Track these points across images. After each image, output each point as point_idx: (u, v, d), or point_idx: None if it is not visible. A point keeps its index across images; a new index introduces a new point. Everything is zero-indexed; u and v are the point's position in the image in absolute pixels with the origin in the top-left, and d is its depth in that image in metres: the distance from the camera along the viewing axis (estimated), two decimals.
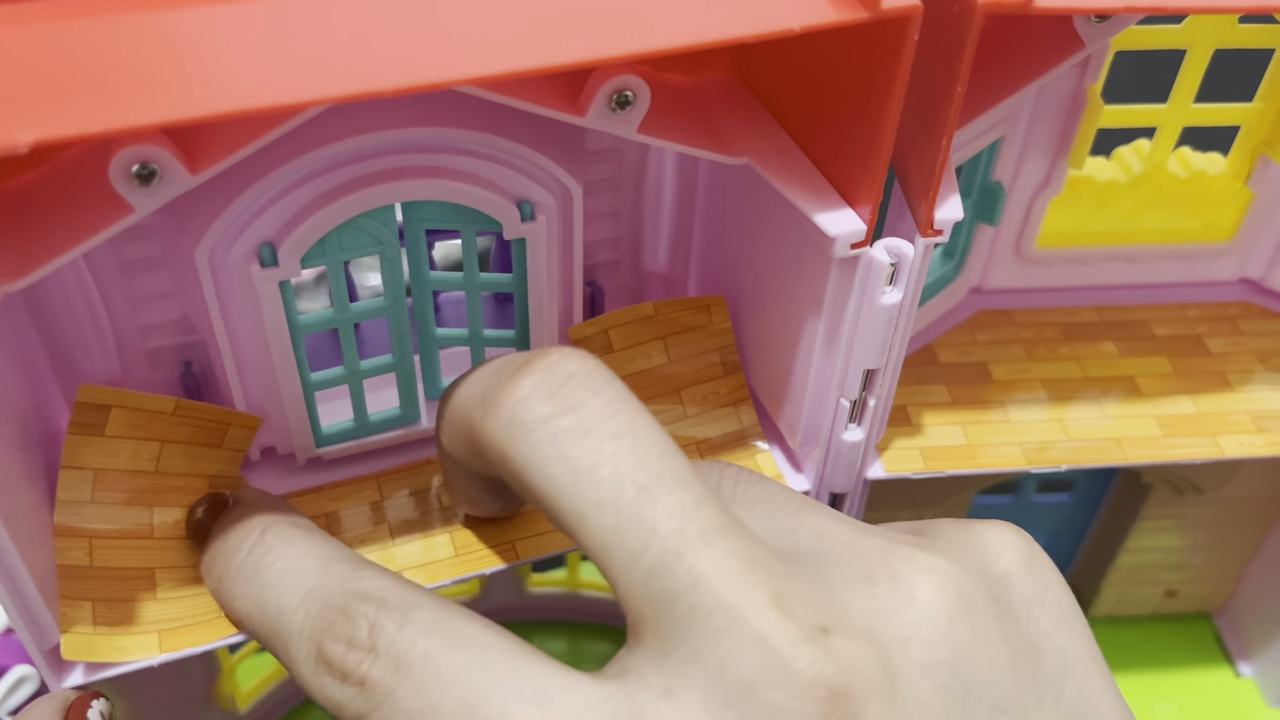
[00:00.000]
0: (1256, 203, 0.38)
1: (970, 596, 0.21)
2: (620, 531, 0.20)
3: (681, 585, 0.19)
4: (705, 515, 0.20)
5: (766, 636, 0.19)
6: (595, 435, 0.20)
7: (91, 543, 0.27)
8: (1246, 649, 0.47)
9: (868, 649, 0.19)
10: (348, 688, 0.21)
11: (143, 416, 0.28)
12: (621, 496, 0.20)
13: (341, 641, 0.21)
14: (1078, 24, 0.27)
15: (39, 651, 0.25)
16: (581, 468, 0.20)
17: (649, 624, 0.20)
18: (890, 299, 0.26)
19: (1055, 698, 0.21)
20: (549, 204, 0.28)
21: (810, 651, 0.19)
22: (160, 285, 0.28)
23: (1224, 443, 0.34)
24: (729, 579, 0.19)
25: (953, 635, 0.20)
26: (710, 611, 0.19)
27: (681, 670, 0.19)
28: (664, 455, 0.20)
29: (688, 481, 0.20)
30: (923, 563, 0.21)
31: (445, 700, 0.20)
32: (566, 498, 0.20)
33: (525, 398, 0.21)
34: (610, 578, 0.20)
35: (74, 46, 0.20)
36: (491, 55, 0.20)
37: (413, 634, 0.21)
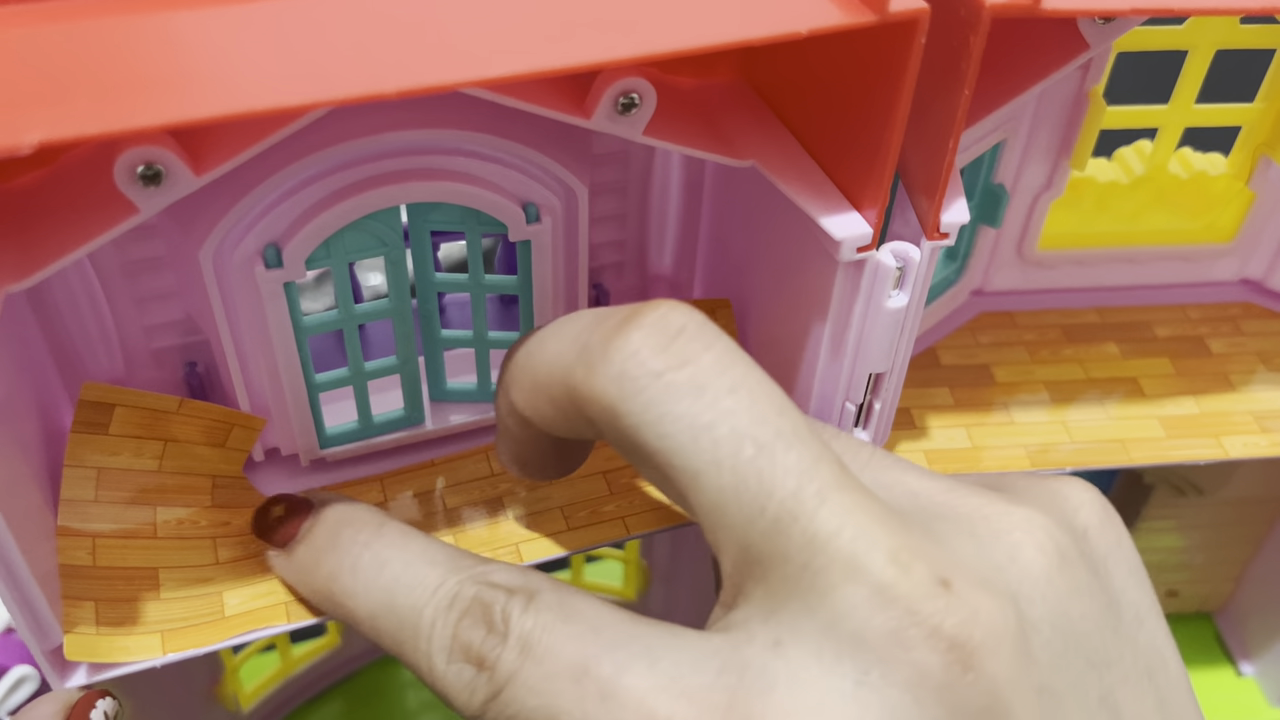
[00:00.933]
0: (1258, 203, 0.38)
1: (1064, 551, 0.21)
2: (738, 491, 0.20)
3: (795, 545, 0.19)
4: (822, 472, 0.20)
5: (885, 589, 0.19)
6: (710, 391, 0.20)
7: (95, 542, 0.27)
8: (1248, 648, 0.48)
9: (989, 601, 0.19)
10: (480, 673, 0.21)
11: (146, 415, 0.28)
12: (740, 455, 0.19)
13: (479, 629, 0.21)
14: (1082, 26, 0.27)
15: (41, 652, 0.25)
16: (698, 425, 0.20)
17: (758, 581, 0.20)
18: (896, 303, 0.26)
19: (1134, 650, 0.22)
20: (554, 206, 0.28)
21: (931, 603, 0.19)
22: (164, 286, 0.28)
23: (1227, 443, 0.34)
24: (846, 536, 0.19)
25: (1050, 591, 0.20)
26: (824, 568, 0.19)
27: (791, 623, 0.19)
28: (781, 410, 0.20)
29: (805, 437, 0.20)
30: (1020, 518, 0.21)
31: (560, 667, 0.20)
32: (682, 456, 0.20)
33: (636, 352, 0.20)
34: (720, 537, 0.20)
35: (79, 47, 0.20)
36: (497, 57, 0.20)
37: (534, 615, 0.21)
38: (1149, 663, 0.22)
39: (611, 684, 0.20)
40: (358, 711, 0.48)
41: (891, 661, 0.19)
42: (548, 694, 0.20)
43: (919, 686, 0.19)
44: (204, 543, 0.28)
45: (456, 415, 0.31)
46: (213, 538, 0.28)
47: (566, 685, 0.20)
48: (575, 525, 0.29)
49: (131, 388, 0.29)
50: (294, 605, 0.27)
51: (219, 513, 0.28)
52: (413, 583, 0.23)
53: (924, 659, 0.19)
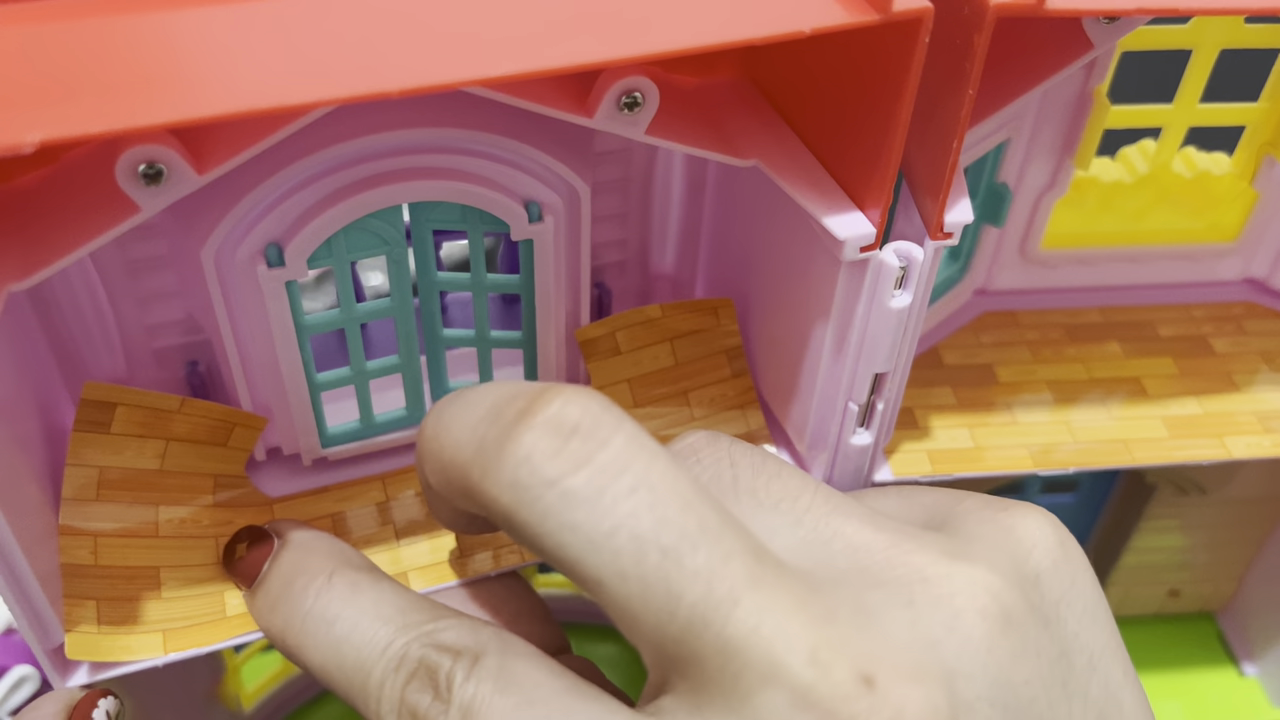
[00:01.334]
0: (1261, 203, 0.38)
1: (1009, 612, 0.21)
2: (645, 599, 0.19)
3: (710, 649, 0.19)
4: (733, 570, 0.19)
5: (806, 695, 0.18)
6: (609, 494, 0.19)
7: (96, 541, 0.27)
8: (1250, 649, 0.48)
9: (916, 694, 0.19)
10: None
11: (148, 414, 0.28)
12: (645, 563, 0.19)
13: (426, 693, 0.21)
14: (1087, 25, 0.27)
15: (43, 651, 0.25)
16: (597, 535, 0.19)
17: (681, 679, 0.19)
18: (899, 302, 0.26)
19: (1084, 700, 0.21)
20: (556, 205, 0.28)
21: (855, 706, 0.18)
22: (166, 285, 0.28)
23: (1231, 443, 0.34)
24: (762, 635, 0.19)
25: (991, 661, 0.20)
26: (741, 671, 0.19)
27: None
28: (685, 506, 0.19)
29: (714, 533, 0.19)
30: (963, 580, 0.21)
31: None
32: (583, 566, 0.19)
33: (527, 457, 0.19)
34: (633, 638, 0.20)
35: (81, 46, 0.20)
36: (499, 56, 0.20)
37: (475, 682, 0.21)
38: (1101, 709, 0.21)
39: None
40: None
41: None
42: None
43: None
44: (206, 542, 0.28)
45: None
46: (214, 537, 0.28)
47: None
48: None
49: (133, 387, 0.29)
50: None
51: (221, 512, 0.28)
52: (360, 642, 0.23)
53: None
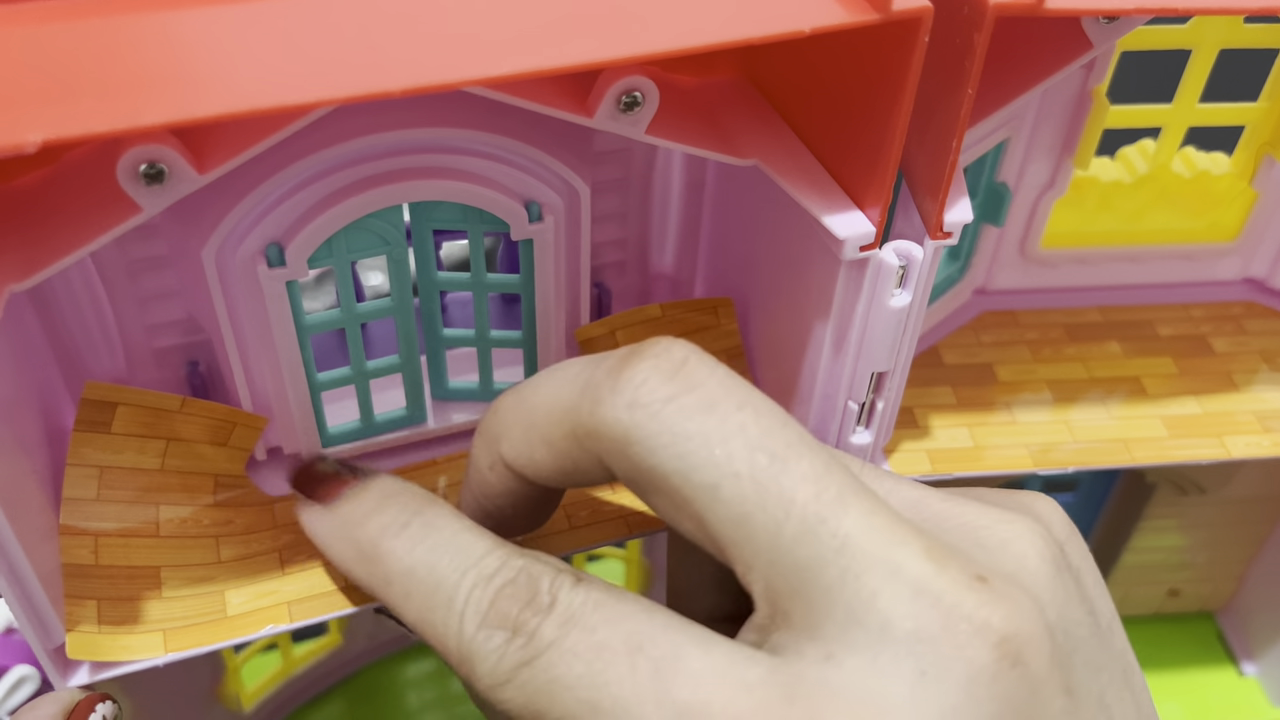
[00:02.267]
0: (1261, 202, 0.38)
1: (1060, 561, 0.21)
2: (760, 498, 0.20)
3: (829, 550, 0.19)
4: (837, 478, 0.20)
5: (927, 586, 0.19)
6: (721, 408, 0.20)
7: (97, 541, 0.27)
8: (1250, 648, 0.48)
9: (1025, 598, 0.20)
10: (515, 639, 0.21)
11: (149, 414, 0.28)
12: (756, 465, 0.20)
13: (521, 598, 0.21)
14: (1086, 25, 0.27)
15: (44, 650, 0.25)
16: (713, 440, 0.20)
17: (798, 598, 0.20)
18: (899, 302, 0.26)
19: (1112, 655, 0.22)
20: (556, 205, 0.28)
21: (974, 597, 0.19)
22: (167, 284, 0.28)
23: (1230, 443, 0.34)
24: (877, 537, 0.19)
25: (1055, 598, 0.21)
26: (863, 571, 0.19)
27: (839, 635, 0.19)
28: (786, 423, 0.20)
29: (814, 447, 0.20)
30: (1021, 527, 0.22)
31: (613, 637, 0.20)
32: (701, 471, 0.20)
33: (645, 380, 0.21)
34: (745, 554, 0.20)
35: (82, 46, 0.20)
36: (499, 56, 0.20)
37: (585, 591, 0.21)
38: (1124, 668, 0.22)
39: (667, 661, 0.20)
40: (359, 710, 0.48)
41: (945, 659, 0.19)
42: (596, 662, 0.20)
43: (973, 682, 0.19)
44: (206, 541, 0.28)
45: (459, 414, 0.31)
46: (215, 536, 0.28)
47: (618, 657, 0.20)
48: (577, 524, 0.29)
49: (134, 387, 0.29)
50: (296, 605, 0.27)
51: (221, 511, 0.28)
52: (459, 549, 0.23)
53: (977, 655, 0.19)
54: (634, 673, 0.20)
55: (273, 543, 0.28)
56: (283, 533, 0.29)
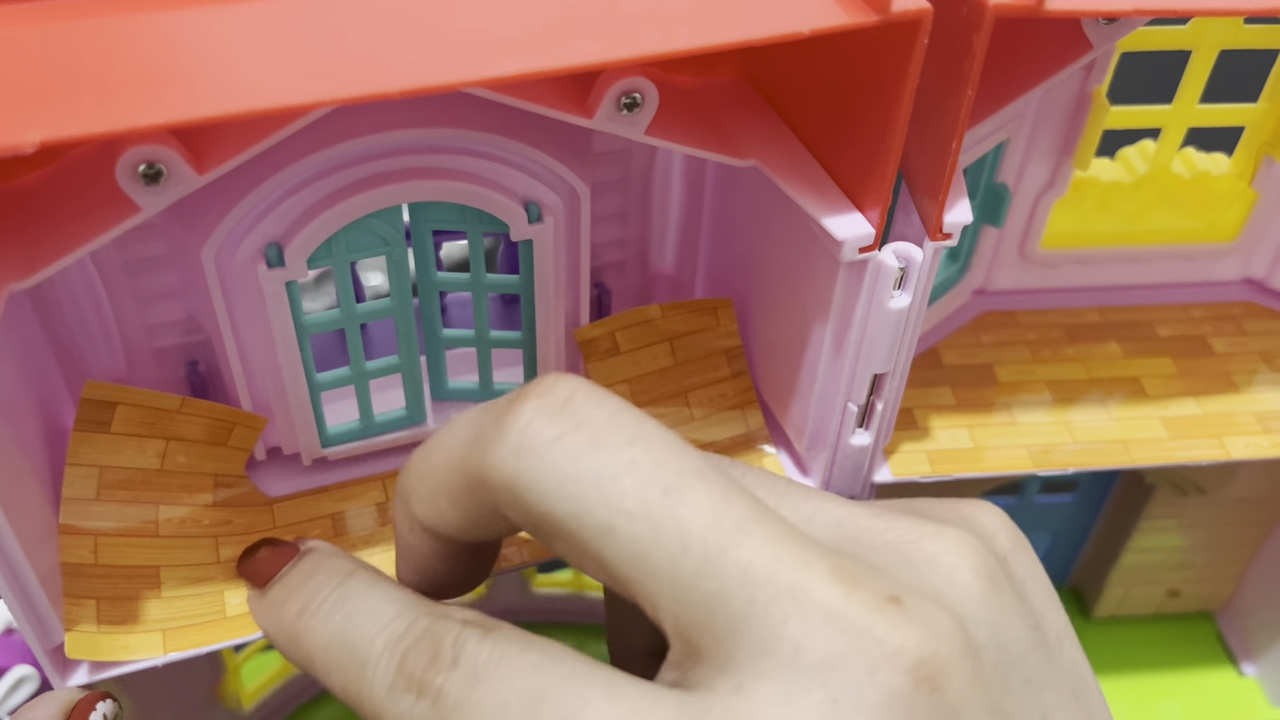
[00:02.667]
0: (1260, 203, 0.38)
1: (994, 574, 0.21)
2: (656, 534, 0.19)
3: (732, 580, 0.19)
4: (736, 505, 0.19)
5: (837, 611, 0.18)
6: (609, 445, 0.20)
7: (96, 540, 0.27)
8: (1249, 648, 0.48)
9: (943, 618, 0.19)
10: (422, 701, 0.20)
11: (148, 414, 0.28)
12: (648, 500, 0.19)
13: (425, 658, 0.21)
14: (1086, 26, 0.27)
15: (43, 650, 0.25)
16: (603, 479, 0.19)
17: (706, 632, 0.19)
18: (899, 303, 0.26)
19: (1060, 671, 0.21)
20: (556, 205, 0.28)
21: (887, 620, 0.18)
22: (166, 284, 0.28)
23: (1230, 444, 0.34)
24: (781, 563, 0.19)
25: (989, 613, 0.20)
26: (770, 600, 0.19)
27: (749, 665, 0.19)
28: (679, 454, 0.20)
29: (709, 476, 0.20)
30: (951, 540, 0.21)
31: (514, 695, 0.20)
32: (592, 513, 0.19)
33: (530, 422, 0.20)
34: (649, 591, 0.20)
35: (81, 46, 0.20)
36: (499, 57, 0.20)
37: (491, 645, 0.20)
38: (1074, 683, 0.22)
39: (569, 713, 0.19)
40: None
41: (857, 686, 0.18)
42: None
43: (888, 710, 0.18)
44: (206, 541, 0.28)
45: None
46: (214, 536, 0.28)
47: (519, 714, 0.19)
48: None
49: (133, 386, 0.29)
50: None
51: (221, 511, 0.28)
52: (369, 616, 0.22)
53: (892, 680, 0.18)
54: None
55: None
56: (282, 532, 0.29)
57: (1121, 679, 0.47)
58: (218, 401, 0.29)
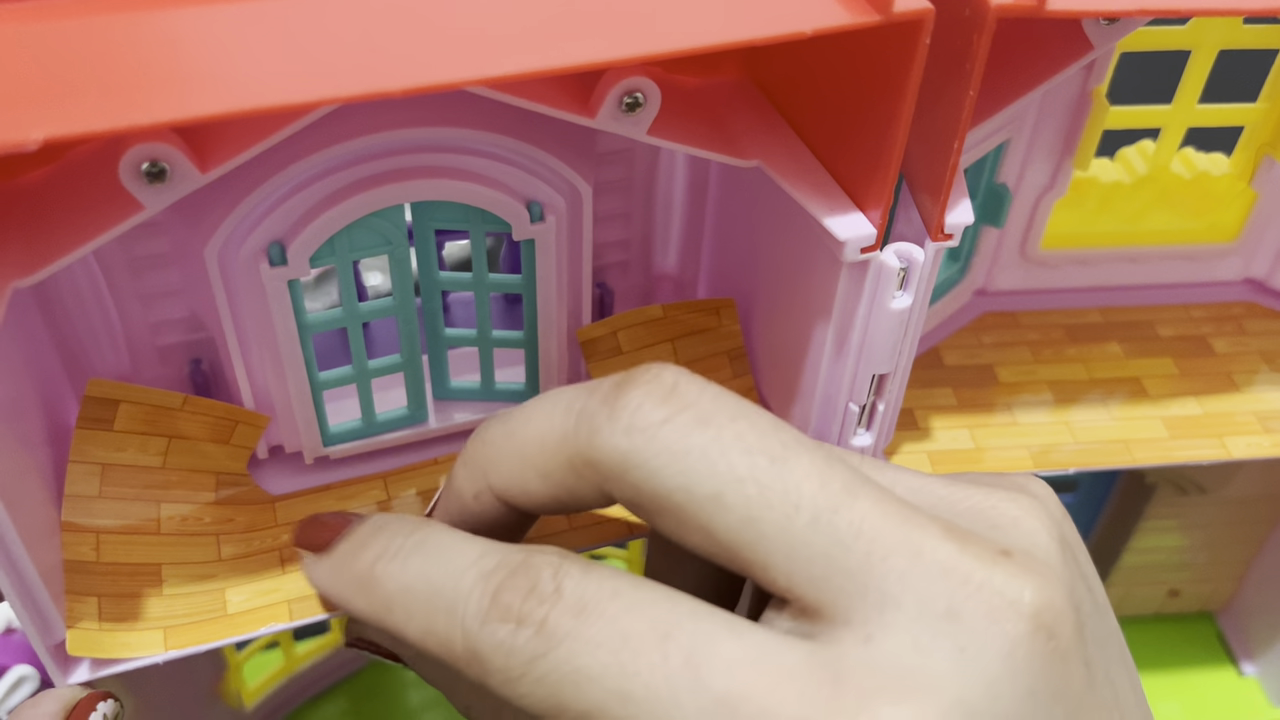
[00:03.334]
0: (1260, 203, 0.38)
1: (1065, 538, 0.22)
2: (766, 498, 0.20)
3: (847, 536, 0.20)
4: (840, 471, 0.20)
5: (955, 565, 0.19)
6: (715, 422, 0.21)
7: (99, 538, 0.27)
8: (1250, 648, 0.48)
9: (1050, 572, 0.20)
10: (522, 630, 0.20)
11: (151, 411, 0.28)
12: (757, 467, 0.20)
13: (521, 591, 0.20)
14: (1086, 26, 0.27)
15: (44, 647, 0.25)
16: (712, 453, 0.20)
17: (824, 585, 0.20)
18: (900, 304, 0.26)
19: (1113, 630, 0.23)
20: (558, 205, 0.28)
21: (1003, 572, 0.20)
22: (170, 283, 0.28)
23: (1231, 444, 0.34)
24: (893, 520, 0.20)
25: (1067, 573, 0.21)
26: (887, 554, 0.20)
27: (875, 617, 0.19)
28: (780, 427, 0.21)
29: (812, 446, 0.21)
30: (1027, 506, 0.22)
31: (638, 626, 0.19)
32: (703, 483, 0.20)
33: (639, 405, 0.21)
34: (761, 553, 0.20)
35: (84, 44, 0.20)
36: (501, 56, 0.20)
37: (599, 578, 0.20)
38: (1120, 643, 0.23)
39: (700, 648, 0.19)
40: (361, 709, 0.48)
41: (983, 634, 0.19)
42: (623, 651, 0.19)
43: (1011, 655, 0.19)
44: (207, 539, 0.28)
45: (460, 414, 0.31)
46: (216, 534, 0.28)
47: (646, 645, 0.19)
48: (578, 524, 0.29)
49: (136, 384, 0.29)
50: (297, 603, 0.27)
51: (223, 509, 0.28)
52: (455, 555, 0.22)
53: (1013, 628, 0.19)
54: (665, 661, 0.19)
55: (273, 541, 0.28)
56: (283, 531, 0.29)
57: None
58: (220, 400, 0.29)
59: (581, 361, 0.31)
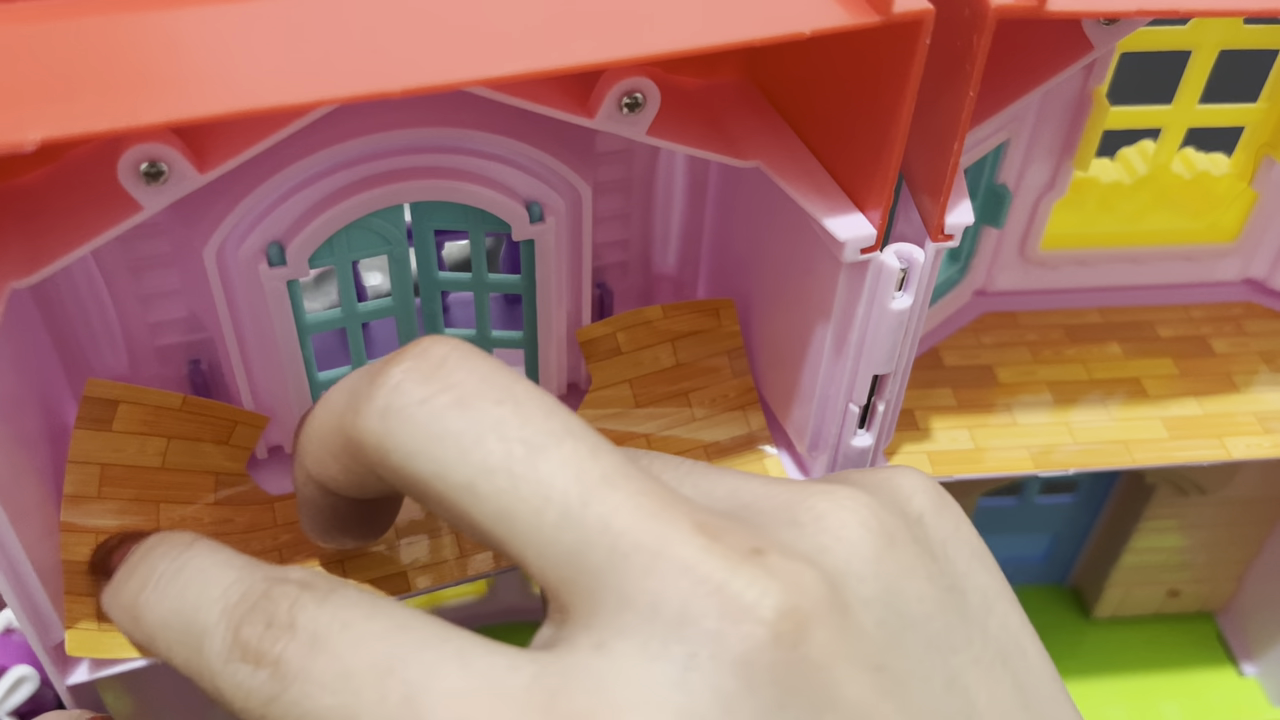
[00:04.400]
0: (1260, 203, 0.38)
1: (893, 533, 0.20)
2: (517, 490, 0.19)
3: (593, 532, 0.18)
4: (604, 461, 0.19)
5: (697, 564, 0.18)
6: (476, 406, 0.19)
7: (97, 538, 0.27)
8: (1250, 648, 0.48)
9: (809, 571, 0.18)
10: (260, 671, 0.19)
11: (150, 412, 0.28)
12: (511, 456, 0.19)
13: (259, 625, 0.20)
14: (1086, 27, 0.27)
15: (43, 648, 0.25)
16: (466, 440, 0.19)
17: (572, 587, 0.19)
18: (900, 304, 0.26)
19: (983, 635, 0.21)
20: (558, 205, 0.28)
21: (748, 572, 0.18)
22: (169, 283, 0.28)
23: (1230, 444, 0.34)
24: (643, 514, 0.18)
25: (883, 570, 0.19)
26: (630, 551, 0.18)
27: (610, 621, 0.18)
28: (549, 413, 0.19)
29: (579, 433, 0.19)
30: (845, 499, 0.20)
31: (360, 662, 0.19)
32: (455, 471, 0.19)
33: (398, 384, 0.20)
34: (517, 547, 0.19)
35: (83, 45, 0.20)
36: (501, 56, 0.20)
37: (334, 608, 0.20)
38: (1002, 648, 0.21)
39: (420, 683, 0.18)
40: None
41: (715, 641, 0.18)
42: (343, 693, 0.18)
43: (749, 664, 0.17)
44: None
45: None
46: (216, 535, 0.28)
47: (367, 684, 0.18)
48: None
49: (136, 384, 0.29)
50: None
51: (222, 510, 0.28)
52: (205, 584, 0.21)
53: (752, 633, 0.18)
54: (384, 701, 0.18)
55: (273, 541, 0.28)
56: (283, 531, 0.29)
57: (1122, 679, 0.47)
58: (220, 399, 0.29)
59: (581, 362, 0.31)
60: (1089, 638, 0.48)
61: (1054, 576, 0.49)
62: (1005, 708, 0.20)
